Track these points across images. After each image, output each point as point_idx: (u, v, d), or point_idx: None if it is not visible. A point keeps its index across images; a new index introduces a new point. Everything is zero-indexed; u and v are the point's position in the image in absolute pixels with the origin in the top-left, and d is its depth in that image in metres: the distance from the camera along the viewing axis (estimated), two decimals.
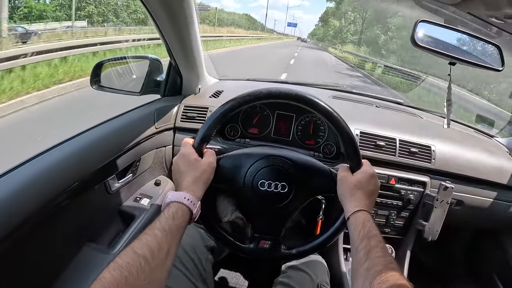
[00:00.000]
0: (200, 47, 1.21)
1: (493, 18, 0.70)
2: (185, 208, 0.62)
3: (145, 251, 0.51)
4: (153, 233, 0.54)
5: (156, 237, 0.54)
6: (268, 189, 0.75)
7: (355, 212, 0.67)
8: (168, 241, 0.55)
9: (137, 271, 0.48)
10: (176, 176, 0.70)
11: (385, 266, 0.55)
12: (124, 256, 0.49)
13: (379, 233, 0.63)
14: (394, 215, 1.14)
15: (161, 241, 0.54)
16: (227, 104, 0.74)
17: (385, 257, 0.57)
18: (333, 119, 0.75)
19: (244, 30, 45.56)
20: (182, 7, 0.97)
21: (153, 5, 0.94)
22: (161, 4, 0.94)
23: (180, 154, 0.71)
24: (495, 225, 1.28)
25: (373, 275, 0.54)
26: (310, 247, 0.80)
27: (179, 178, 0.69)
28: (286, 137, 1.18)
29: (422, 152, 1.12)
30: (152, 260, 0.51)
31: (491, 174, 1.15)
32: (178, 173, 0.70)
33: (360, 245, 0.61)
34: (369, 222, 0.65)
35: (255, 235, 0.80)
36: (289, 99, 0.74)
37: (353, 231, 0.65)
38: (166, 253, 0.54)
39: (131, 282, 0.47)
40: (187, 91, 1.30)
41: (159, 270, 0.52)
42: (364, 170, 0.74)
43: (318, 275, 0.92)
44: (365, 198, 0.70)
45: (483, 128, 1.50)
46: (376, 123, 1.19)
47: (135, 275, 0.48)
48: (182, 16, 1.00)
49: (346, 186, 0.73)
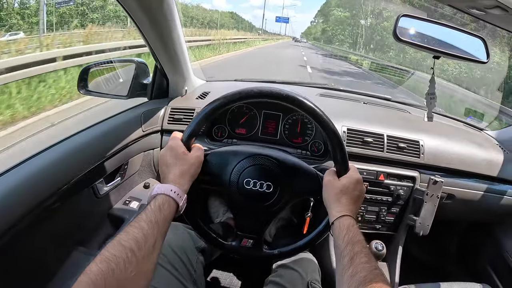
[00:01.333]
0: (185, 49, 1.21)
1: (474, 9, 0.70)
2: (171, 201, 0.62)
3: (131, 243, 0.51)
4: (140, 226, 0.54)
5: (142, 230, 0.54)
6: (253, 187, 0.75)
7: (340, 217, 0.67)
8: (155, 233, 0.55)
9: (124, 263, 0.48)
10: (163, 168, 0.70)
11: (369, 272, 0.55)
12: (110, 249, 0.49)
13: (363, 239, 0.63)
14: (385, 211, 1.14)
15: (147, 233, 0.54)
16: (217, 101, 0.74)
17: (369, 263, 0.57)
18: (320, 119, 0.74)
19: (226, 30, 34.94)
20: (162, 10, 0.97)
21: (133, 9, 0.94)
22: (141, 8, 0.93)
23: (168, 147, 0.71)
24: (487, 217, 1.28)
25: (357, 282, 0.54)
26: (292, 248, 0.80)
27: (166, 170, 0.69)
28: (273, 136, 1.19)
29: (410, 147, 1.13)
30: (139, 252, 0.51)
31: (481, 167, 1.16)
32: (164, 165, 0.69)
33: (344, 251, 0.61)
34: (354, 228, 0.65)
35: (238, 233, 0.81)
36: (279, 99, 0.73)
37: (337, 236, 0.65)
38: (152, 245, 0.54)
39: (118, 274, 0.47)
40: (173, 93, 1.30)
41: (146, 262, 0.52)
42: (350, 175, 0.74)
43: (309, 273, 0.91)
44: (350, 204, 0.70)
45: (472, 121, 1.51)
46: (363, 119, 1.20)
47: (122, 267, 0.48)
48: (162, 18, 1.00)
49: (331, 190, 0.72)
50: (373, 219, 1.15)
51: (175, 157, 0.69)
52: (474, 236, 1.45)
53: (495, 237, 1.30)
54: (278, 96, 0.73)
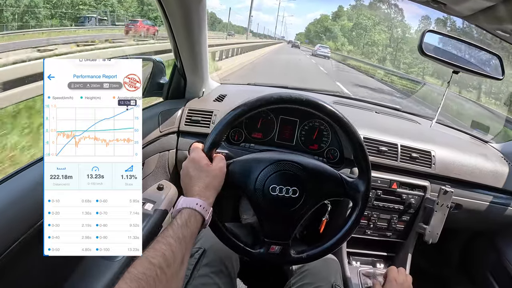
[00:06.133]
0: (207, 51, 1.22)
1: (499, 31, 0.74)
2: (197, 215, 0.62)
3: (160, 260, 0.51)
4: (167, 242, 0.54)
5: (170, 246, 0.54)
6: (280, 193, 0.76)
7: None
8: (182, 249, 0.55)
9: (154, 281, 0.48)
10: (186, 181, 0.69)
11: None
12: (139, 267, 0.49)
13: None
14: (396, 218, 1.18)
15: (175, 249, 0.54)
16: (238, 108, 0.75)
17: None
18: (343, 124, 0.77)
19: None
20: (197, 9, 0.99)
21: (169, 5, 0.94)
22: (178, 5, 0.94)
23: (190, 159, 0.71)
24: (490, 227, 1.34)
25: None
26: (320, 251, 0.82)
27: (189, 183, 0.68)
28: (289, 142, 1.21)
29: (422, 157, 1.17)
30: (168, 269, 0.51)
31: (488, 179, 1.21)
32: (188, 178, 0.69)
33: None
34: None
35: (265, 240, 0.81)
36: (299, 104, 0.76)
37: None
38: (180, 262, 0.54)
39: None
40: (190, 94, 1.31)
41: (175, 279, 0.52)
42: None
43: (332, 275, 0.93)
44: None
45: (478, 133, 1.57)
46: (377, 128, 1.23)
47: (152, 286, 0.48)
48: (195, 18, 1.01)
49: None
50: (384, 227, 1.18)
51: (198, 169, 0.69)
52: (476, 245, 1.50)
53: (497, 246, 1.35)
54: (298, 102, 0.75)
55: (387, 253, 1.30)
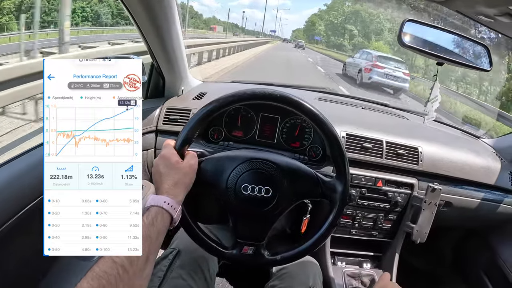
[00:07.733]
0: (183, 48, 1.27)
1: (482, 16, 0.79)
2: (165, 213, 0.66)
3: (123, 259, 0.54)
4: None
5: None
6: (252, 193, 0.81)
7: None
8: (148, 247, 0.58)
9: (116, 279, 0.51)
10: (156, 178, 0.73)
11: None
12: (101, 265, 0.52)
13: None
14: (382, 217, 1.24)
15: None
16: (210, 105, 0.79)
17: None
18: (319, 121, 0.82)
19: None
20: (162, 7, 1.03)
21: (133, 4, 0.99)
22: (141, 4, 0.99)
23: (160, 156, 0.75)
24: (483, 225, 1.42)
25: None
26: (295, 253, 0.86)
27: (159, 181, 0.72)
28: (271, 139, 1.25)
29: (409, 154, 1.23)
30: (130, 268, 0.54)
31: (478, 175, 1.28)
32: (158, 175, 0.73)
33: None
34: None
35: (238, 241, 0.85)
36: (273, 100, 0.81)
37: None
38: (145, 260, 0.57)
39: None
40: (170, 93, 1.36)
41: (139, 278, 0.56)
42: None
43: (311, 277, 0.99)
44: None
45: (470, 129, 1.68)
46: (362, 124, 1.29)
47: (114, 284, 0.51)
48: (162, 16, 1.06)
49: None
50: (370, 226, 1.25)
51: (168, 166, 0.73)
52: (469, 244, 1.59)
53: (490, 244, 1.44)
54: (272, 98, 0.80)
55: (374, 253, 1.36)
